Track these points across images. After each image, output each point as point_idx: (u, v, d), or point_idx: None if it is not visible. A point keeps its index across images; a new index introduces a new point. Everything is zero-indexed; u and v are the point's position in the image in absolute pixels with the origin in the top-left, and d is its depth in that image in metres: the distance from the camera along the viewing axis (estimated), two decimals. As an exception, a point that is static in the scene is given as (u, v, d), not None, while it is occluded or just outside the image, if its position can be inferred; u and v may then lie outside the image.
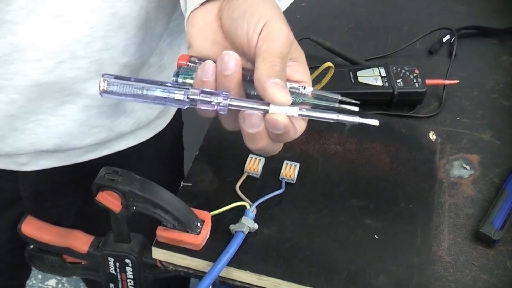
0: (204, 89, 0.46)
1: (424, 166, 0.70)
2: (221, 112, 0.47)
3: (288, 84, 0.48)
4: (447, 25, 0.94)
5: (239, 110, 0.47)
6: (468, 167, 0.73)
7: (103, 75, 0.46)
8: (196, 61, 0.49)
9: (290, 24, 0.48)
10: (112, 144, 0.76)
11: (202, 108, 0.47)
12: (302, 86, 0.48)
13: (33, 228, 0.68)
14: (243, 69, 0.47)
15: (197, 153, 0.69)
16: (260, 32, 0.46)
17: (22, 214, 0.70)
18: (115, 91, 0.46)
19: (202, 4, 0.50)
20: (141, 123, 0.76)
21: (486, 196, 0.69)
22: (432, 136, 0.74)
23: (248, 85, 0.48)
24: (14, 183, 0.75)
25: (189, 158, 0.70)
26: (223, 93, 0.46)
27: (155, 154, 0.84)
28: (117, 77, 0.47)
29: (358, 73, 0.83)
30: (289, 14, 0.52)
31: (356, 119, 0.47)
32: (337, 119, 0.47)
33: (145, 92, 0.46)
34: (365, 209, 0.64)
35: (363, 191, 0.66)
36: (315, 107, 0.49)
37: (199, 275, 0.58)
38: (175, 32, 0.72)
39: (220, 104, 0.46)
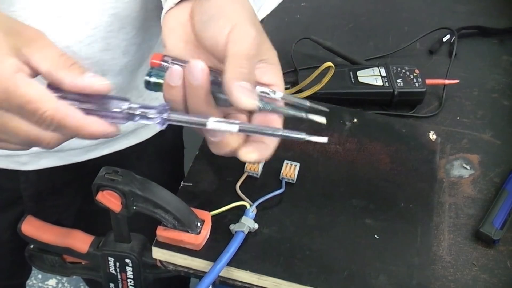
0: (143, 104, 0.45)
1: (424, 166, 0.70)
2: (158, 127, 0.45)
3: (259, 89, 0.47)
4: (447, 25, 0.94)
5: None
6: (468, 167, 0.73)
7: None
8: (169, 61, 0.48)
9: (290, 24, 0.48)
10: (112, 143, 0.76)
11: (141, 122, 0.46)
12: (272, 91, 0.47)
13: (33, 227, 0.68)
14: (215, 71, 0.47)
15: (197, 153, 0.69)
16: (228, 36, 0.46)
17: (22, 214, 0.71)
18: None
19: (177, 3, 0.50)
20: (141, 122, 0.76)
21: (486, 196, 0.69)
22: (432, 136, 0.74)
23: (221, 89, 0.46)
24: (14, 182, 0.75)
25: (189, 158, 0.70)
26: (163, 107, 0.45)
27: (155, 154, 0.84)
28: None
29: (358, 73, 0.83)
30: (289, 14, 0.52)
31: (303, 136, 0.44)
32: (282, 135, 0.45)
33: (83, 105, 0.44)
34: (365, 209, 0.64)
35: (363, 191, 0.66)
36: (286, 113, 0.47)
37: (199, 275, 0.58)
38: None
39: (159, 119, 0.45)
